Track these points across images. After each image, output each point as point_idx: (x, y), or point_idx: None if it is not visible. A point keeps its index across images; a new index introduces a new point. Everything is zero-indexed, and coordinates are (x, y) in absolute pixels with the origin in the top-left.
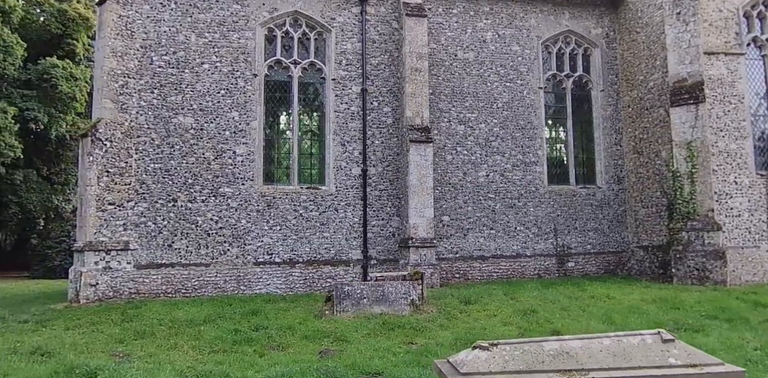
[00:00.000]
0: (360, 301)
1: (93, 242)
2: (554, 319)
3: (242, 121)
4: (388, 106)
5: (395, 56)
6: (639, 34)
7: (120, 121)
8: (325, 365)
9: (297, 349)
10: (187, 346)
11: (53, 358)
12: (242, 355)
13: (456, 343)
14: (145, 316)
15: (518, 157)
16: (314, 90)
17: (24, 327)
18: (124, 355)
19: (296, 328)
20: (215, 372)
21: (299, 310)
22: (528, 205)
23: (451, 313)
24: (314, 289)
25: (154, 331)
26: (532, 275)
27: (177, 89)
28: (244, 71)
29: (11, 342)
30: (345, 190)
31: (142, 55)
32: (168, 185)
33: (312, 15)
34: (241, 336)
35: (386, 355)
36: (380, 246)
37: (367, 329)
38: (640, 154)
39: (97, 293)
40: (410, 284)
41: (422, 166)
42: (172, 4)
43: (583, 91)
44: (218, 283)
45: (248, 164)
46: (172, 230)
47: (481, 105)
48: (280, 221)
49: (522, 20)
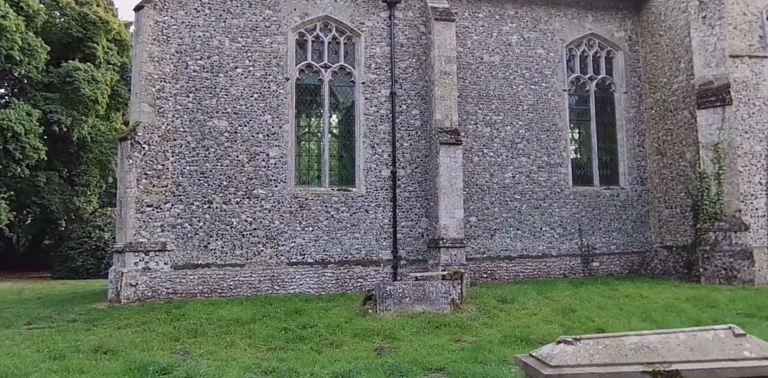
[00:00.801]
0: (402, 301)
1: (133, 243)
2: (594, 317)
3: (275, 124)
4: (417, 108)
5: (423, 60)
6: (662, 37)
7: (157, 125)
8: (384, 362)
9: (351, 347)
10: (243, 344)
11: (117, 356)
12: (299, 352)
13: (505, 340)
14: (190, 315)
15: (543, 158)
16: (344, 93)
17: (75, 326)
18: (184, 352)
19: (343, 327)
20: (281, 368)
21: (339, 309)
22: (553, 206)
23: (491, 312)
24: (346, 289)
25: (205, 330)
26: (558, 275)
27: (212, 93)
28: (276, 75)
29: (70, 340)
30: (375, 191)
31: (177, 59)
32: (203, 187)
33: (342, 20)
34: (292, 334)
35: (441, 352)
36: (409, 246)
37: (414, 327)
38: (664, 156)
39: (137, 293)
40: (450, 284)
41: (452, 168)
42: (206, 9)
43: (606, 93)
44: (253, 283)
45: (281, 166)
46: (207, 231)
47: (507, 107)
48: (312, 222)
49: (546, 24)
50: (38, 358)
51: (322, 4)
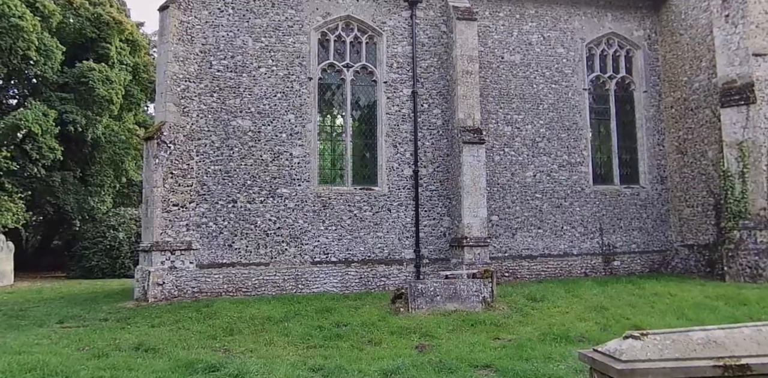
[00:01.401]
0: (434, 299)
1: (159, 242)
2: (628, 315)
3: (298, 124)
4: (438, 108)
5: (444, 59)
6: (683, 36)
7: (182, 124)
8: (429, 359)
9: (390, 344)
10: (282, 342)
11: (159, 354)
12: (339, 349)
13: (544, 338)
14: (221, 313)
15: (564, 157)
16: (366, 93)
17: (108, 325)
18: (224, 350)
19: (378, 325)
20: (328, 366)
21: (369, 307)
22: (574, 205)
23: (523, 310)
24: (369, 288)
25: (240, 328)
26: (579, 274)
27: (235, 93)
28: (299, 75)
29: (107, 339)
30: (397, 190)
31: (201, 59)
32: (228, 186)
33: (364, 19)
34: (329, 332)
35: (483, 349)
36: (432, 245)
37: (450, 326)
38: (684, 154)
39: (164, 292)
40: (481, 282)
41: (475, 167)
42: (230, 9)
43: (626, 92)
44: (277, 282)
45: (304, 165)
46: (232, 230)
47: (528, 106)
48: (335, 221)
49: (566, 23)
50: (81, 356)
51: (344, 4)
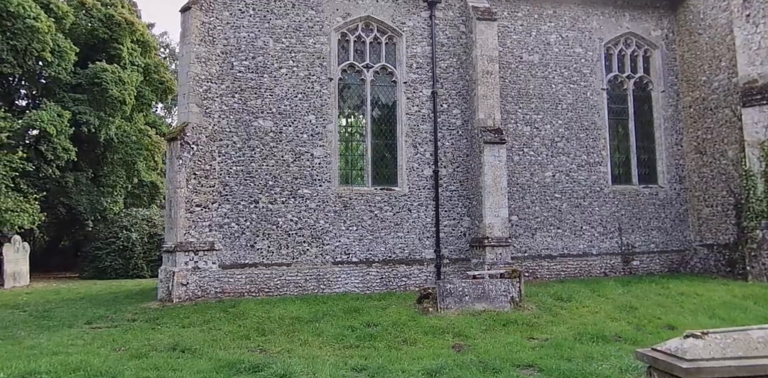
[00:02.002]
0: (462, 299)
1: (183, 243)
2: (658, 314)
3: (319, 124)
4: (457, 108)
5: (463, 59)
6: (701, 35)
7: (204, 125)
8: (470, 358)
9: (426, 344)
10: (316, 342)
11: (197, 354)
12: (376, 350)
13: (580, 337)
14: (249, 314)
15: (583, 157)
16: (386, 93)
17: (138, 325)
18: (261, 350)
19: (409, 325)
20: (370, 365)
21: (395, 307)
22: (593, 205)
23: (552, 310)
24: (390, 288)
25: (271, 329)
26: (599, 274)
27: (257, 93)
28: (319, 75)
29: (141, 339)
30: (417, 190)
31: (223, 60)
32: (250, 187)
33: (383, 20)
34: (361, 332)
35: (520, 349)
36: (452, 245)
37: (482, 325)
38: (703, 154)
39: (188, 292)
40: (509, 282)
41: (496, 167)
42: (251, 10)
43: (644, 92)
44: (299, 282)
45: (325, 166)
46: (254, 231)
47: (546, 106)
48: (356, 222)
49: (584, 22)
50: (120, 356)
51: (363, 5)
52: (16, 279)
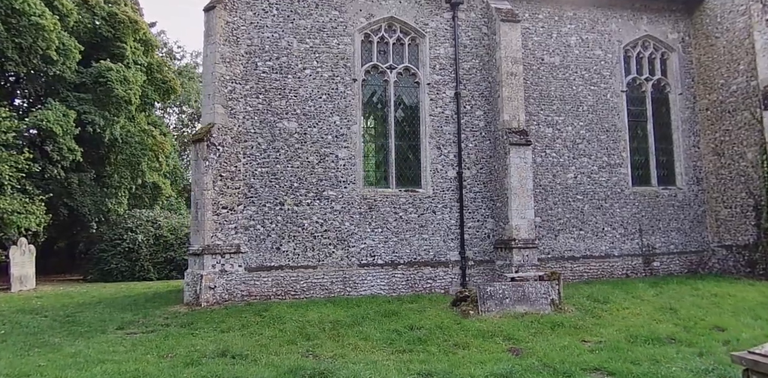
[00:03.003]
0: (503, 301)
1: (210, 246)
2: (701, 315)
3: (343, 126)
4: (480, 109)
5: (486, 60)
6: (719, 39)
7: (229, 126)
8: (532, 362)
9: (480, 348)
10: (366, 346)
11: (250, 360)
12: (431, 354)
13: (634, 340)
14: (284, 318)
15: (603, 159)
16: (409, 94)
17: (174, 330)
18: (313, 355)
19: (453, 328)
20: (435, 370)
21: (432, 310)
22: (614, 206)
23: (593, 312)
24: (416, 290)
25: (314, 333)
26: (620, 275)
27: (281, 94)
28: (343, 76)
29: (186, 346)
30: (441, 192)
31: (247, 60)
32: (275, 189)
33: (406, 20)
34: (408, 336)
35: (580, 352)
36: (476, 247)
37: (531, 329)
38: (721, 156)
39: (215, 296)
40: (549, 284)
41: (522, 169)
42: (274, 10)
43: (661, 94)
44: (325, 284)
45: (350, 167)
46: (279, 233)
47: (568, 108)
48: (381, 223)
49: (603, 25)
50: (172, 364)
51: (387, 5)
52: (22, 282)
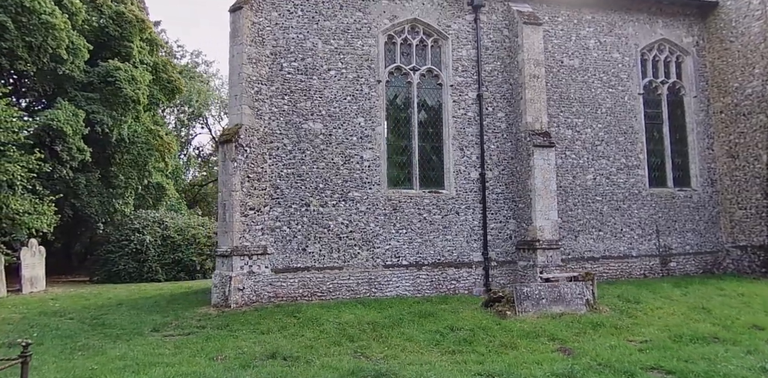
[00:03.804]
0: (539, 302)
1: (239, 247)
2: (734, 315)
3: (368, 127)
4: (502, 111)
5: (507, 63)
6: (733, 43)
7: (256, 127)
8: (587, 362)
9: (528, 348)
10: (414, 347)
11: (303, 362)
12: (482, 355)
13: (678, 339)
14: (320, 319)
15: (622, 160)
16: (431, 96)
17: (213, 332)
18: (363, 356)
19: (494, 329)
20: (494, 371)
21: (467, 311)
22: (632, 207)
23: (627, 312)
24: (440, 291)
25: (356, 334)
26: (638, 275)
27: (306, 95)
28: (368, 78)
29: (232, 347)
30: (464, 193)
31: (272, 61)
32: (301, 190)
33: (430, 22)
34: (453, 337)
35: (631, 351)
36: (498, 248)
37: (573, 328)
38: (736, 158)
39: (244, 297)
40: (583, 285)
41: (546, 170)
42: (299, 11)
43: (677, 97)
44: (351, 285)
45: (374, 169)
46: (305, 234)
47: (587, 110)
48: (405, 224)
49: (621, 28)
50: (226, 366)
51: (410, 7)
52: (33, 284)
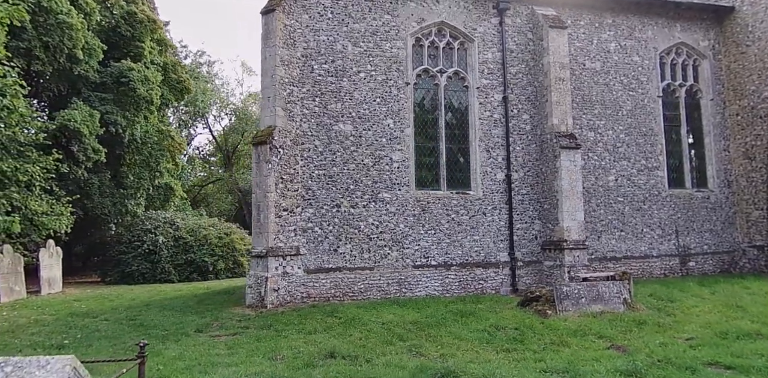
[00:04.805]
0: (579, 301)
1: (274, 248)
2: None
3: (397, 129)
4: (527, 113)
5: (531, 65)
6: (750, 47)
7: (288, 129)
8: (644, 359)
9: (581, 346)
10: (468, 345)
11: (362, 361)
12: (536, 352)
13: (724, 335)
14: (361, 319)
15: (642, 162)
16: (458, 98)
17: (258, 333)
18: (420, 355)
19: (539, 327)
20: (558, 368)
21: (507, 311)
22: (652, 208)
23: (664, 310)
24: (468, 290)
25: (404, 334)
26: (659, 274)
27: (336, 97)
28: (396, 80)
29: (285, 347)
30: (491, 194)
31: (303, 63)
32: (332, 191)
33: (456, 25)
34: (501, 335)
35: (683, 348)
36: (524, 248)
37: (617, 326)
38: (753, 160)
39: (279, 298)
40: (621, 284)
41: (572, 172)
42: (329, 13)
43: (693, 99)
44: (381, 286)
45: (403, 170)
46: (337, 235)
47: (608, 112)
48: (434, 225)
49: (640, 32)
50: (289, 366)
51: (437, 10)
52: (50, 285)
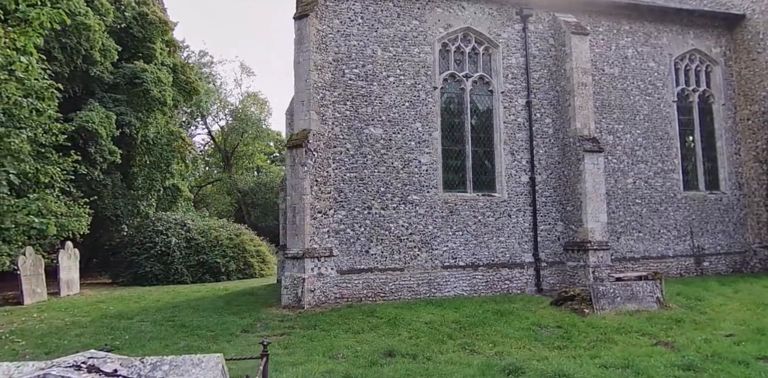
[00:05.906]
0: (614, 300)
1: (310, 249)
2: None
3: (425, 132)
4: (549, 117)
5: (553, 71)
6: (761, 54)
7: (322, 132)
8: (694, 354)
9: (628, 343)
10: (514, 343)
11: (423, 359)
12: (587, 349)
13: (762, 332)
14: (404, 319)
15: (658, 165)
16: (483, 102)
17: (305, 333)
18: (474, 352)
19: (581, 325)
20: (616, 363)
21: (541, 310)
22: (668, 210)
23: (696, 308)
24: (495, 291)
25: (451, 333)
26: (675, 274)
27: (367, 101)
28: (424, 84)
29: (341, 347)
30: (516, 196)
31: (335, 68)
32: (363, 193)
33: (481, 31)
34: (547, 333)
35: (728, 344)
36: (548, 249)
37: (657, 324)
38: (763, 163)
39: (315, 298)
40: (653, 283)
41: (595, 174)
42: (359, 18)
43: (706, 104)
44: (412, 286)
45: (432, 173)
46: (368, 236)
47: (626, 117)
48: (461, 227)
49: (656, 38)
50: (352, 364)
51: (463, 16)
52: (69, 287)
